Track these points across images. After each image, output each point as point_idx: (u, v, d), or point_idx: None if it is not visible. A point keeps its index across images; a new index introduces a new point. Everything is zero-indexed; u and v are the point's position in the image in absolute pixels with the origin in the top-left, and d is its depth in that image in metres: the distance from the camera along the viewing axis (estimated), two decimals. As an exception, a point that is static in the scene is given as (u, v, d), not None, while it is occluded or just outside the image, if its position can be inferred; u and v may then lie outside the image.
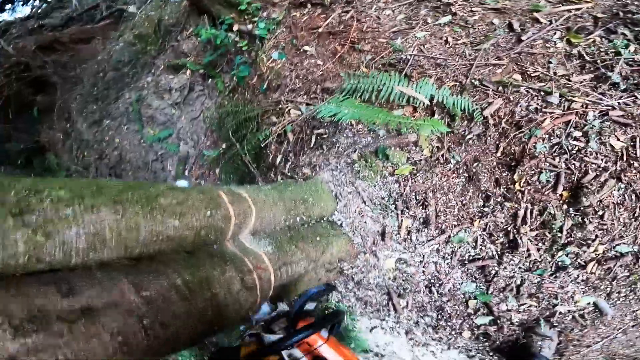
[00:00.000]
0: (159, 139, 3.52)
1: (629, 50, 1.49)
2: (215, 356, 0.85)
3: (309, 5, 2.30)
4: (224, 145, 2.74)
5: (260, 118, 2.36)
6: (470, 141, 1.56)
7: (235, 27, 2.48)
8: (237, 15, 2.56)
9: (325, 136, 1.89)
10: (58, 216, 0.68)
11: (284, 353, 0.90)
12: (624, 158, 1.36)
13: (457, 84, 1.65)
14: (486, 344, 1.55)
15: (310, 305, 1.18)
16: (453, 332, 1.56)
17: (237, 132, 2.54)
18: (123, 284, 0.73)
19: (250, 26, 2.45)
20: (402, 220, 1.59)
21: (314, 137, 1.92)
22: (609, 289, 1.38)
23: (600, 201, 1.34)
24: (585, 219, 1.35)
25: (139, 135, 3.74)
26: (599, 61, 1.49)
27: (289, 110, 2.12)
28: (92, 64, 4.10)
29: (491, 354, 1.56)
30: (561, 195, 1.40)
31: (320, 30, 2.16)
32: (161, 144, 3.56)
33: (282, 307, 1.11)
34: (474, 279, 1.51)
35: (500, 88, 1.57)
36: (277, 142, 2.13)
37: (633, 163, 1.35)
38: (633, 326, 1.41)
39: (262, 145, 2.18)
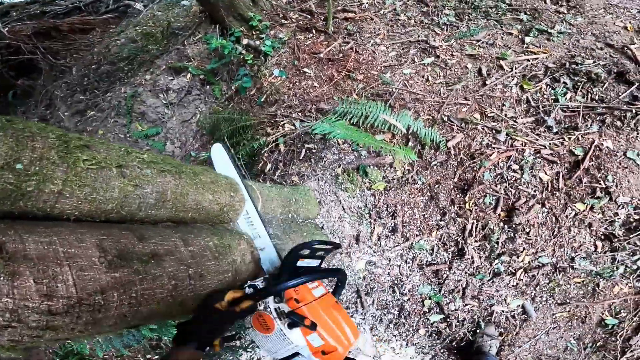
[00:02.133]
0: (145, 135, 4.20)
1: (566, 98, 2.25)
2: (205, 299, 0.99)
3: (313, 31, 3.07)
4: (217, 149, 3.43)
5: (255, 128, 3.07)
6: (435, 167, 2.28)
7: (244, 41, 3.23)
8: (246, 30, 3.33)
9: (314, 151, 2.60)
10: (142, 174, 1.01)
11: (272, 305, 1.05)
12: (549, 188, 2.09)
13: (430, 117, 2.39)
14: (438, 341, 2.19)
15: (312, 262, 1.22)
16: (411, 329, 2.21)
17: (232, 138, 3.25)
18: (175, 238, 1.13)
19: (257, 42, 3.21)
20: (374, 228, 2.27)
21: (304, 150, 2.62)
22: (533, 294, 2.06)
23: (528, 221, 2.05)
24: (516, 235, 2.06)
25: (125, 129, 4.42)
26: (540, 106, 2.26)
27: (284, 124, 2.84)
28: (87, 55, 4.83)
29: (442, 351, 2.20)
30: (499, 215, 2.11)
31: (321, 55, 2.91)
32: (147, 140, 4.24)
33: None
34: (429, 282, 2.19)
35: (463, 124, 2.31)
36: (269, 151, 2.83)
37: (555, 193, 2.08)
38: (554, 328, 2.08)
39: (255, 153, 2.88)
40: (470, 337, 2.15)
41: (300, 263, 1.18)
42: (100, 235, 0.86)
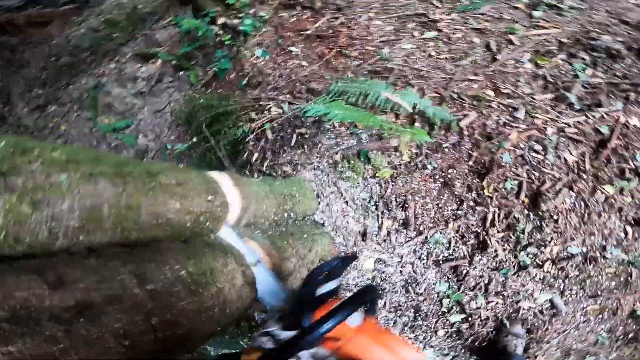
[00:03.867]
0: (114, 129, 3.51)
1: (586, 74, 1.89)
2: None
3: (298, 7, 2.55)
4: (194, 139, 2.84)
5: (237, 114, 2.51)
6: (446, 149, 1.85)
7: (220, 21, 2.65)
8: (222, 10, 2.74)
9: (306, 136, 2.09)
10: (50, 182, 0.60)
11: (305, 356, 0.75)
12: (575, 170, 1.71)
13: (437, 95, 1.95)
14: (459, 341, 1.78)
15: (332, 284, 0.96)
16: (429, 331, 1.77)
17: (212, 127, 2.67)
18: (123, 274, 0.67)
19: (236, 21, 2.64)
20: (382, 222, 1.81)
21: (295, 136, 2.11)
22: (562, 287, 1.69)
23: (556, 207, 1.67)
24: (543, 223, 1.67)
25: (91, 123, 3.70)
26: (559, 82, 1.88)
27: (270, 108, 2.30)
28: (44, 48, 4.06)
29: (463, 351, 1.78)
30: (523, 201, 1.71)
31: (308, 32, 2.40)
32: (116, 134, 3.54)
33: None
34: (447, 279, 1.76)
35: (475, 102, 1.89)
36: (255, 139, 2.29)
37: (582, 175, 1.71)
38: (584, 322, 1.72)
39: (239, 142, 2.32)
40: (494, 337, 1.75)
41: (319, 290, 0.92)
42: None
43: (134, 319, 0.61)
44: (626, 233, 1.69)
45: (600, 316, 1.72)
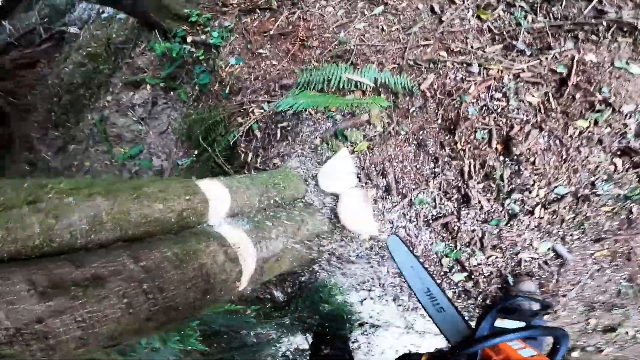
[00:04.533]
0: (130, 156, 3.68)
1: (527, 21, 1.87)
2: None
3: (258, 11, 2.59)
4: (195, 152, 2.96)
5: (227, 121, 2.60)
6: (414, 113, 1.88)
7: (189, 39, 2.71)
8: (188, 27, 2.81)
9: (289, 128, 2.16)
10: (62, 203, 0.87)
11: None
12: (542, 110, 1.71)
13: (396, 65, 1.98)
14: (469, 301, 1.82)
15: (517, 323, 0.97)
16: (435, 292, 1.83)
17: (207, 138, 2.78)
18: (123, 257, 0.93)
19: (204, 36, 2.70)
20: (367, 192, 1.87)
21: (278, 130, 2.18)
22: (561, 233, 1.67)
23: (529, 149, 1.68)
24: (520, 167, 1.69)
25: (109, 155, 3.89)
26: (504, 32, 1.86)
27: (253, 110, 2.38)
28: (43, 89, 4.23)
29: (477, 310, 1.81)
30: (496, 148, 1.74)
31: (271, 32, 2.44)
32: (133, 161, 3.71)
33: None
34: (441, 238, 1.81)
35: (431, 65, 1.91)
36: (246, 140, 2.38)
37: (550, 114, 1.71)
38: (598, 270, 1.67)
39: (232, 146, 2.42)
40: (501, 297, 1.72)
41: (498, 323, 0.95)
42: (31, 270, 0.77)
43: (129, 284, 0.85)
44: (615, 165, 1.63)
45: (614, 263, 1.66)
